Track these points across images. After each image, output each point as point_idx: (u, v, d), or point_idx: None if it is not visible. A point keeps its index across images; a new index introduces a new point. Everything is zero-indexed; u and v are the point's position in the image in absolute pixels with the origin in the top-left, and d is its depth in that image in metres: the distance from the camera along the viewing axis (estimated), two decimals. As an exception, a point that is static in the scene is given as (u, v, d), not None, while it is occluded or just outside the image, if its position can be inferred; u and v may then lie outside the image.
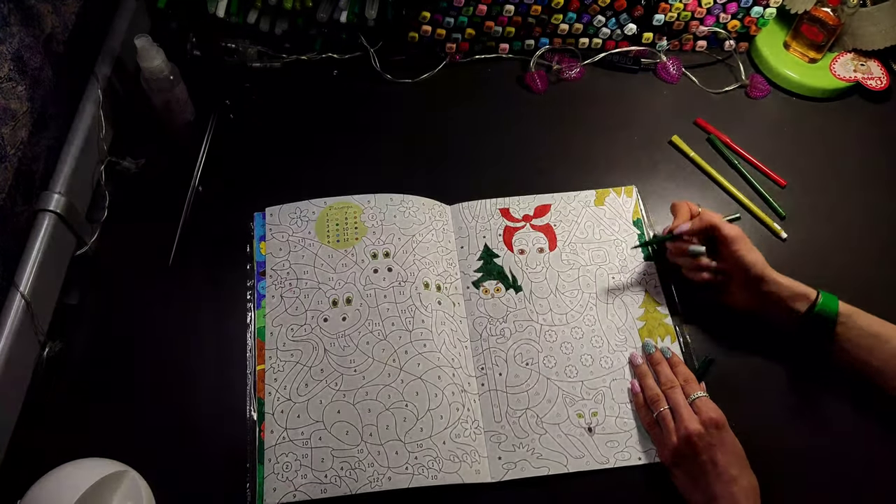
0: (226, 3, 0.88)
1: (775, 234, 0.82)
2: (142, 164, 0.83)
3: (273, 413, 0.66)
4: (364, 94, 0.92)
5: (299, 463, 0.64)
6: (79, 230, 0.74)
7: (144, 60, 0.75)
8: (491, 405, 0.69)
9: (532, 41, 0.96)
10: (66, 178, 0.72)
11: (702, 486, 0.61)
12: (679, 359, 0.71)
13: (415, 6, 0.90)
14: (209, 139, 0.82)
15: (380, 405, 0.67)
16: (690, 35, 0.96)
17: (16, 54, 0.71)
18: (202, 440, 0.67)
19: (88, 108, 0.77)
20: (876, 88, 0.92)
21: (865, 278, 0.78)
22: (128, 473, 0.60)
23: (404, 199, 0.78)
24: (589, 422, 0.68)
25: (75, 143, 0.74)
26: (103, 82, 0.79)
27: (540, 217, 0.81)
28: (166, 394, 0.69)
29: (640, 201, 0.82)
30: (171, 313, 0.74)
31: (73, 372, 0.70)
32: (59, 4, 0.79)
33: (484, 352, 0.72)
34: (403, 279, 0.73)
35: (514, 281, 0.76)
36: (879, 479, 0.67)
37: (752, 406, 0.70)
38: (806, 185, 0.86)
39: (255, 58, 0.92)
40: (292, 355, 0.69)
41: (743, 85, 0.95)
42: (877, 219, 0.83)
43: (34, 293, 0.66)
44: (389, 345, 0.70)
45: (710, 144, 0.89)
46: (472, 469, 0.65)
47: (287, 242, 0.75)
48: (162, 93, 0.78)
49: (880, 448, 0.68)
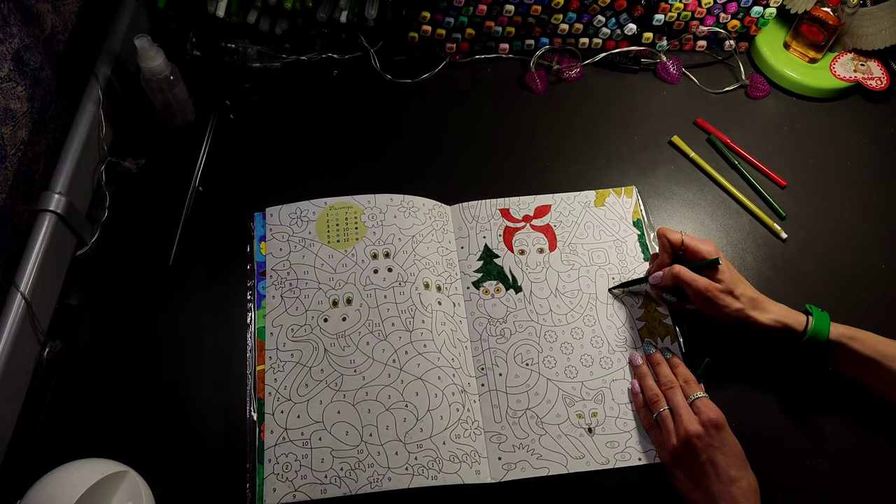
0: (226, 3, 0.88)
1: (775, 235, 0.82)
2: (142, 165, 0.83)
3: (273, 413, 0.66)
4: (364, 94, 0.92)
5: (299, 463, 0.64)
6: (79, 230, 0.74)
7: (144, 60, 0.75)
8: (491, 405, 0.69)
9: (532, 41, 0.96)
10: (66, 179, 0.72)
11: (702, 486, 0.61)
12: (679, 359, 0.71)
13: (415, 6, 0.90)
14: (209, 139, 0.82)
15: (380, 405, 0.67)
16: (690, 35, 0.96)
17: (16, 54, 0.71)
18: (202, 441, 0.67)
19: (88, 108, 0.77)
20: (876, 88, 0.92)
21: (866, 278, 0.78)
22: (128, 473, 0.60)
23: (404, 200, 0.78)
24: (589, 422, 0.68)
25: (75, 143, 0.74)
26: (103, 82, 0.79)
27: (540, 217, 0.81)
28: (166, 394, 0.69)
29: (640, 202, 0.82)
30: (171, 313, 0.74)
31: (73, 372, 0.70)
32: (59, 4, 0.79)
33: (484, 352, 0.72)
34: (403, 279, 0.73)
35: (514, 281, 0.76)
36: (879, 479, 0.67)
37: (752, 406, 0.70)
38: (806, 185, 0.86)
39: (255, 58, 0.92)
40: (292, 355, 0.69)
41: (743, 85, 0.95)
42: (877, 219, 0.83)
43: (34, 293, 0.66)
44: (389, 345, 0.70)
45: (710, 144, 0.89)
46: (472, 469, 0.65)
47: (287, 242, 0.75)
48: (162, 93, 0.78)
49: (880, 448, 0.68)
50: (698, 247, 0.70)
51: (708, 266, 0.69)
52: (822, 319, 0.67)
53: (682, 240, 0.71)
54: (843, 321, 0.67)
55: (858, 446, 0.68)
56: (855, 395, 0.69)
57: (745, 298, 0.68)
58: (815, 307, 0.68)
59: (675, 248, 0.71)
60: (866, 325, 0.67)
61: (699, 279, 0.68)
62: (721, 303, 0.67)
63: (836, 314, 0.68)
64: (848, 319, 0.68)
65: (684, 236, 0.71)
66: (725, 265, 0.69)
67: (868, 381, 0.67)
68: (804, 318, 0.68)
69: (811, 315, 0.67)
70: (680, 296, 0.72)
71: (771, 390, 0.71)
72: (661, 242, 0.72)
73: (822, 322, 0.66)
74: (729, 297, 0.67)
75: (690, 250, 0.71)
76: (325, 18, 0.90)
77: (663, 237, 0.72)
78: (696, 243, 0.70)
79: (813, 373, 0.71)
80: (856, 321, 0.68)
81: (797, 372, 0.71)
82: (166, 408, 0.68)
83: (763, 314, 0.68)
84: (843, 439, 0.68)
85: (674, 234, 0.71)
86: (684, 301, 0.72)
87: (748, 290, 0.69)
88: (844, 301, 0.76)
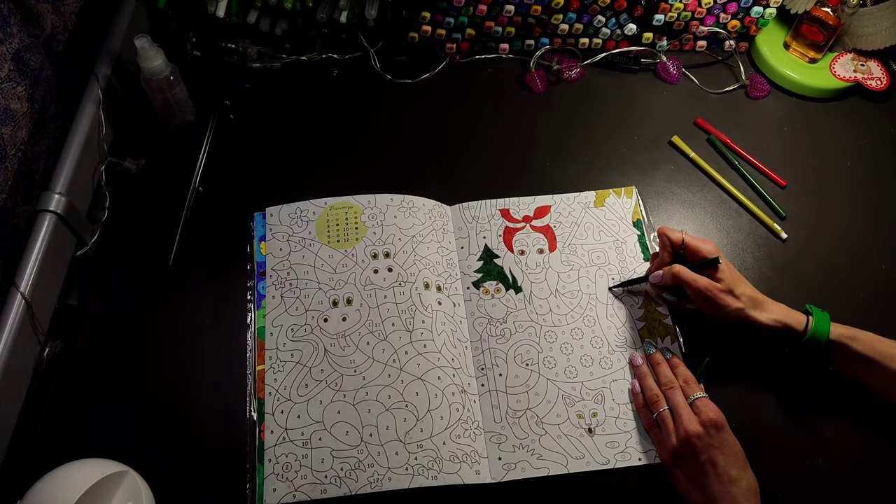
0: (226, 3, 0.88)
1: (775, 235, 0.82)
2: (142, 165, 0.83)
3: (273, 413, 0.66)
4: (364, 94, 0.92)
5: (299, 463, 0.64)
6: (79, 230, 0.74)
7: (144, 60, 0.75)
8: (491, 406, 0.69)
9: (532, 41, 0.96)
10: (66, 179, 0.72)
11: (702, 486, 0.61)
12: (679, 360, 0.71)
13: (415, 6, 0.90)
14: (209, 139, 0.82)
15: (380, 405, 0.67)
16: (690, 35, 0.96)
17: (16, 54, 0.71)
18: (202, 440, 0.67)
19: (88, 108, 0.77)
20: (876, 88, 0.92)
21: (866, 278, 0.78)
22: (128, 473, 0.60)
23: (404, 200, 0.78)
24: (589, 422, 0.68)
25: (75, 143, 0.74)
26: (103, 82, 0.79)
27: (540, 218, 0.81)
28: (166, 394, 0.69)
29: (640, 202, 0.82)
30: (171, 313, 0.74)
31: (73, 372, 0.70)
32: (59, 4, 0.79)
33: (484, 352, 0.72)
34: (404, 279, 0.73)
35: (514, 281, 0.76)
36: (879, 479, 0.67)
37: (752, 406, 0.70)
38: (806, 185, 0.86)
39: (255, 58, 0.92)
40: (292, 355, 0.69)
41: (743, 85, 0.95)
42: (877, 219, 0.83)
43: (34, 293, 0.66)
44: (389, 345, 0.70)
45: (710, 144, 0.89)
46: (472, 470, 0.65)
47: (287, 242, 0.75)
48: (162, 93, 0.78)
49: (880, 448, 0.68)
50: (698, 246, 0.70)
51: (708, 265, 0.69)
52: (823, 320, 0.67)
53: (682, 239, 0.71)
54: (843, 321, 0.67)
55: (858, 446, 0.68)
56: (855, 395, 0.69)
57: (746, 298, 0.68)
58: (815, 307, 0.68)
59: (676, 247, 0.71)
60: (866, 325, 0.67)
61: (699, 279, 0.68)
62: (721, 302, 0.67)
63: (836, 314, 0.68)
64: (848, 319, 0.68)
65: (685, 235, 0.71)
66: (725, 265, 0.69)
67: (868, 381, 0.67)
68: (804, 318, 0.68)
69: (811, 315, 0.67)
70: (680, 295, 0.72)
71: (771, 390, 0.71)
72: (662, 241, 0.72)
73: (822, 322, 0.66)
74: (729, 297, 0.67)
75: (691, 249, 0.71)
76: (325, 18, 0.90)
77: (664, 236, 0.72)
78: (696, 242, 0.70)
79: (813, 373, 0.71)
80: (856, 321, 0.68)
81: (797, 372, 0.71)
82: (166, 407, 0.68)
83: (763, 314, 0.68)
84: (843, 439, 0.68)
85: (674, 234, 0.71)
86: (684, 301, 0.72)
87: (748, 290, 0.69)
88: (844, 301, 0.76)
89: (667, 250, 0.72)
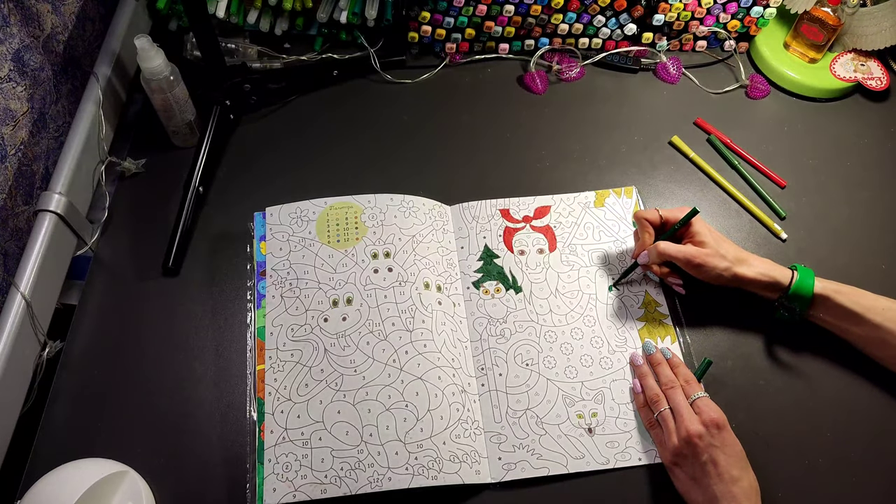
0: (226, 3, 0.88)
1: (775, 235, 0.82)
2: (142, 165, 0.83)
3: (273, 413, 0.66)
4: (364, 95, 0.92)
5: (299, 463, 0.64)
6: (79, 230, 0.74)
7: (144, 60, 0.75)
8: (491, 406, 0.69)
9: (532, 41, 0.96)
10: (66, 179, 0.72)
11: (702, 486, 0.61)
12: (679, 359, 0.71)
13: (415, 6, 0.90)
14: (209, 139, 0.82)
15: (380, 405, 0.67)
16: (690, 35, 0.96)
17: (16, 54, 0.71)
18: (202, 440, 0.67)
19: (88, 108, 0.77)
20: (876, 88, 0.92)
21: (866, 278, 0.78)
22: (128, 473, 0.60)
23: (404, 200, 0.78)
24: (589, 422, 0.68)
25: (75, 143, 0.74)
26: (103, 82, 0.79)
27: (540, 218, 0.81)
28: (166, 394, 0.69)
29: (640, 202, 0.82)
30: (171, 313, 0.74)
31: (73, 372, 0.70)
32: (59, 4, 0.79)
33: (484, 352, 0.72)
34: (404, 279, 0.73)
35: (514, 281, 0.76)
36: (879, 479, 0.67)
37: (753, 406, 0.70)
38: (806, 185, 0.86)
39: (255, 58, 0.92)
40: (292, 355, 0.69)
41: (743, 85, 0.95)
42: (877, 219, 0.83)
43: (34, 293, 0.66)
44: (389, 345, 0.70)
45: (710, 145, 0.89)
46: (472, 469, 0.65)
47: (287, 242, 0.75)
48: (162, 93, 0.78)
49: (880, 448, 0.68)
50: (675, 215, 0.73)
51: (688, 218, 0.71)
52: (807, 274, 0.70)
53: (659, 216, 0.73)
54: (843, 321, 0.68)
55: (858, 446, 0.68)
56: (855, 395, 0.69)
57: (731, 256, 0.71)
58: (799, 265, 0.71)
59: (655, 226, 0.74)
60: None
61: (684, 248, 0.71)
62: (710, 265, 0.70)
63: (837, 314, 0.68)
64: (848, 319, 0.68)
65: (660, 211, 0.73)
66: (706, 229, 0.72)
67: (850, 334, 0.70)
68: (790, 272, 0.70)
69: (796, 270, 0.70)
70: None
71: (771, 390, 0.71)
72: (641, 224, 0.74)
73: (807, 276, 0.69)
74: (716, 258, 0.70)
75: (670, 221, 0.73)
76: (325, 18, 0.90)
77: (641, 220, 0.74)
78: (672, 213, 0.73)
79: (813, 373, 0.71)
80: (856, 321, 0.68)
81: (797, 372, 0.71)
82: (166, 408, 0.68)
83: (750, 268, 0.70)
84: (843, 439, 0.68)
85: (649, 213, 0.74)
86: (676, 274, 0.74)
87: (732, 249, 0.71)
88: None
89: (647, 231, 0.74)
